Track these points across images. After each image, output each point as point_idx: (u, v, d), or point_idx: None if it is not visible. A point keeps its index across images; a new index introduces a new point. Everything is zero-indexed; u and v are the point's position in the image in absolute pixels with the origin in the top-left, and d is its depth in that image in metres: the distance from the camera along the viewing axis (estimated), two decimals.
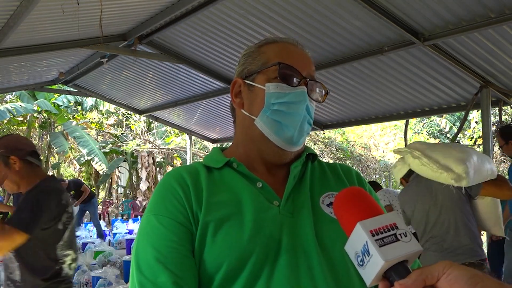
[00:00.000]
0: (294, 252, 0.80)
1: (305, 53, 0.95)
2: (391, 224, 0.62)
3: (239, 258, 0.77)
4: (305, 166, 0.95)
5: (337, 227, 0.82)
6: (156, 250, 0.78)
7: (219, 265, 0.77)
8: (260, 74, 0.91)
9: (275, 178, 0.91)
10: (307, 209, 0.86)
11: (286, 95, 0.88)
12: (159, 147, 15.33)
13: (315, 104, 0.93)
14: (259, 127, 0.90)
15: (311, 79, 0.91)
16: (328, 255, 0.81)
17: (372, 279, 0.60)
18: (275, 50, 0.92)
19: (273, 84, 0.89)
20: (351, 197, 0.69)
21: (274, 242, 0.80)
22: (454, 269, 0.56)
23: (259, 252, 0.78)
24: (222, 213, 0.81)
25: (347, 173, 0.98)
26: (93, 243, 8.08)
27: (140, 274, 0.77)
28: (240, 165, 0.89)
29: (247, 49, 0.97)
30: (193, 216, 0.81)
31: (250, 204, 0.83)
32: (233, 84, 0.96)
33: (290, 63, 0.89)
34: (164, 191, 0.86)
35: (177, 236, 0.79)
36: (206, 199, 0.83)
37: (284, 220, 0.83)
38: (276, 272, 0.77)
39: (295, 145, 0.90)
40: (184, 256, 0.78)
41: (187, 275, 0.77)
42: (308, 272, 0.78)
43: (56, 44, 5.06)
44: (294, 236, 0.81)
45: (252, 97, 0.92)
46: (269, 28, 4.43)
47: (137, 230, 0.86)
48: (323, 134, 13.52)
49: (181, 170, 0.89)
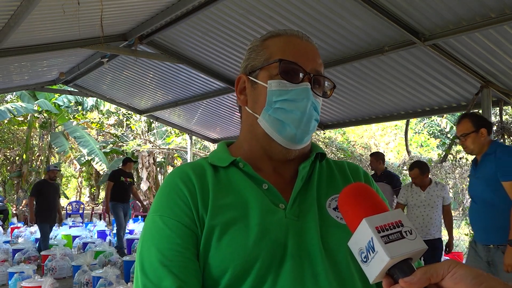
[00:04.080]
0: (299, 257, 0.79)
1: (311, 45, 0.90)
2: (397, 221, 0.62)
3: (245, 263, 0.76)
4: (313, 166, 0.92)
5: (342, 233, 0.81)
6: (160, 253, 0.77)
7: (224, 270, 0.77)
8: (262, 71, 0.88)
9: (282, 178, 0.89)
10: (313, 213, 0.84)
11: (288, 93, 0.85)
12: (159, 147, 15.32)
13: (321, 100, 0.90)
14: (262, 126, 0.88)
15: (316, 73, 0.87)
16: (333, 260, 0.80)
17: (376, 275, 0.60)
18: (279, 45, 0.89)
19: (275, 82, 0.86)
20: (356, 193, 0.68)
21: (280, 247, 0.79)
22: (459, 268, 0.56)
23: (265, 257, 0.77)
24: (228, 216, 0.80)
25: (354, 172, 0.96)
26: (94, 243, 8.07)
27: (145, 277, 0.77)
28: (246, 165, 0.87)
29: (252, 43, 0.94)
30: (199, 219, 0.80)
31: (256, 207, 0.82)
32: (238, 80, 0.93)
33: (293, 58, 0.86)
34: (170, 191, 0.84)
35: (182, 239, 0.78)
36: (212, 202, 0.82)
37: (290, 224, 0.82)
38: (281, 278, 0.77)
39: (299, 144, 0.88)
40: (189, 260, 0.77)
41: (191, 279, 0.76)
42: (313, 278, 0.77)
43: (56, 44, 5.06)
44: (300, 241, 0.80)
45: (255, 94, 0.89)
46: (269, 28, 4.43)
47: (142, 230, 0.85)
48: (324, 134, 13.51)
49: (187, 169, 0.87)
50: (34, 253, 7.18)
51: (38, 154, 16.86)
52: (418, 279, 0.57)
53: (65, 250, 6.89)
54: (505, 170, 2.80)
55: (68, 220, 12.72)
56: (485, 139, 2.94)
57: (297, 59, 0.86)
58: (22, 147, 17.04)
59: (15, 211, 14.57)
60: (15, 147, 17.75)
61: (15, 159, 17.70)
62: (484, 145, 2.94)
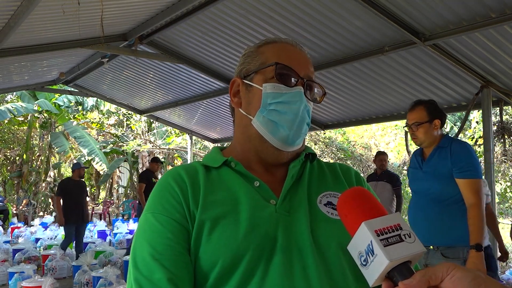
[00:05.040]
0: (289, 250, 0.80)
1: (304, 53, 0.95)
2: (395, 224, 0.62)
3: (234, 256, 0.78)
4: (303, 166, 0.95)
5: (332, 227, 0.84)
6: (152, 248, 0.79)
7: (213, 263, 0.78)
8: (258, 74, 0.92)
9: (273, 177, 0.92)
10: (303, 208, 0.86)
11: (282, 95, 0.88)
12: (159, 147, 15.34)
13: (312, 104, 0.94)
14: (255, 127, 0.90)
15: (309, 79, 0.92)
16: (323, 254, 0.81)
17: (375, 279, 0.61)
18: (273, 50, 0.93)
19: (270, 84, 0.89)
20: (355, 197, 0.69)
21: (269, 241, 0.80)
22: (457, 271, 0.56)
23: (254, 250, 0.78)
24: (218, 211, 0.82)
25: (346, 173, 0.98)
26: (94, 243, 8.08)
27: (136, 271, 0.79)
28: (237, 164, 0.90)
29: (247, 49, 0.97)
30: (190, 214, 0.82)
31: (246, 203, 0.84)
32: (232, 83, 0.96)
33: (288, 63, 0.90)
34: (162, 189, 0.87)
35: (173, 234, 0.80)
36: (203, 197, 0.84)
37: (280, 218, 0.83)
38: (271, 271, 0.78)
39: (291, 146, 0.91)
40: (180, 254, 0.79)
41: (182, 272, 0.78)
42: (302, 271, 0.78)
43: (56, 44, 5.07)
44: (290, 235, 0.81)
45: (250, 96, 0.92)
46: (269, 28, 4.44)
47: (136, 228, 0.88)
48: (324, 134, 13.52)
49: (180, 169, 0.90)
50: (34, 253, 7.19)
51: (38, 154, 16.87)
52: (417, 281, 0.57)
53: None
54: (462, 166, 2.55)
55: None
56: (438, 131, 2.68)
57: (291, 64, 0.90)
58: (22, 147, 17.06)
59: (15, 211, 14.59)
60: (15, 147, 17.76)
61: (15, 159, 17.71)
62: (436, 138, 2.68)
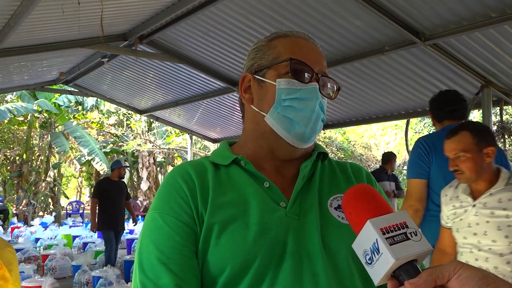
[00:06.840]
0: (299, 256, 0.78)
1: (317, 48, 0.92)
2: (401, 222, 0.61)
3: (243, 262, 0.76)
4: (315, 165, 0.92)
5: (343, 232, 0.81)
6: (159, 251, 0.77)
7: (222, 268, 0.76)
8: (270, 69, 0.89)
9: (283, 178, 0.89)
10: (314, 212, 0.84)
11: (297, 91, 0.86)
12: (159, 147, 15.32)
13: (327, 100, 0.91)
14: (269, 124, 0.88)
15: (323, 75, 0.89)
16: (333, 260, 0.79)
17: (380, 277, 0.59)
18: (286, 45, 0.90)
19: (284, 80, 0.86)
20: (360, 194, 0.68)
21: (279, 246, 0.78)
22: (465, 270, 0.55)
23: (263, 256, 0.76)
24: (227, 214, 0.80)
25: (357, 173, 0.95)
26: (94, 242, 8.08)
27: (143, 274, 0.76)
28: (247, 163, 0.87)
29: (257, 43, 0.95)
30: (198, 217, 0.80)
31: (256, 205, 0.81)
32: (243, 79, 0.93)
33: (302, 58, 0.87)
34: (170, 188, 0.84)
35: (181, 237, 0.78)
36: (212, 199, 0.81)
37: (290, 222, 0.81)
38: (280, 277, 0.76)
39: (306, 142, 0.88)
40: (187, 258, 0.77)
41: (189, 277, 0.76)
42: (312, 278, 0.77)
43: (56, 44, 5.05)
44: (300, 240, 0.79)
45: (262, 92, 0.89)
46: (269, 27, 4.43)
47: (142, 227, 0.85)
48: (324, 134, 13.52)
49: (188, 167, 0.87)
50: (34, 253, 7.18)
51: (38, 154, 16.87)
52: (423, 281, 0.56)
53: (65, 250, 6.90)
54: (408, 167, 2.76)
55: (68, 220, 12.74)
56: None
57: (305, 59, 0.87)
58: (22, 147, 17.05)
59: (15, 211, 14.58)
60: (15, 147, 17.76)
61: (15, 159, 17.70)
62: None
